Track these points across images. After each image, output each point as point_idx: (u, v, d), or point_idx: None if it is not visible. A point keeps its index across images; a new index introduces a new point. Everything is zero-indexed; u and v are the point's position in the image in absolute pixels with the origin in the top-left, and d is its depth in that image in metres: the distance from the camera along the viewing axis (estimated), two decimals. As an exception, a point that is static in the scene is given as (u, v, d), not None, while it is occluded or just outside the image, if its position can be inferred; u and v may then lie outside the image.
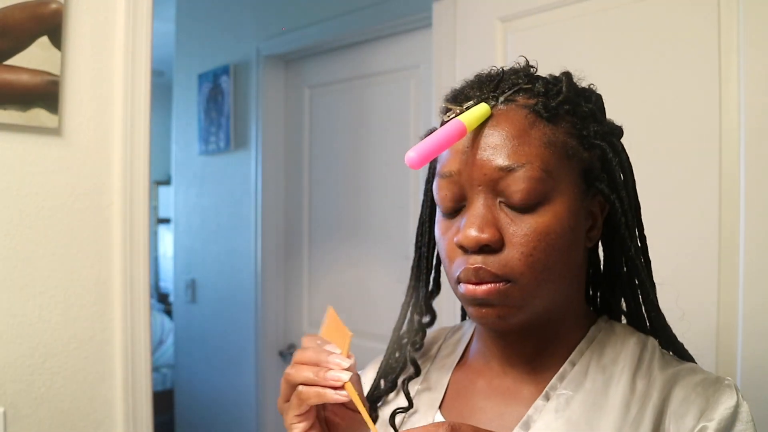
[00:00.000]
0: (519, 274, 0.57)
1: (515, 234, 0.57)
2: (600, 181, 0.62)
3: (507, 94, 0.60)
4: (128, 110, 1.25)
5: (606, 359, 0.62)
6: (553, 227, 0.57)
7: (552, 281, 0.59)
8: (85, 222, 1.22)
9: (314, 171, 2.47)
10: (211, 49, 2.84)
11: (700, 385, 0.58)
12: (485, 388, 0.65)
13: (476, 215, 0.58)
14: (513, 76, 0.63)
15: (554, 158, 0.58)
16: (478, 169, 0.58)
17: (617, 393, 0.59)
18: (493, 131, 0.58)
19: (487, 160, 0.58)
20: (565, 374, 0.61)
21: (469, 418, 0.64)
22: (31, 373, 1.16)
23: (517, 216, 0.57)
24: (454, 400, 0.67)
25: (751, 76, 1.16)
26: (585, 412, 0.58)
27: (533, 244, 0.57)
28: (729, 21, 1.19)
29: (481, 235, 0.57)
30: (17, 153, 1.14)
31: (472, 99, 0.61)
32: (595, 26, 1.39)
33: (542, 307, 0.60)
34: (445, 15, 1.74)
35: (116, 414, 1.26)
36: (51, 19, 1.14)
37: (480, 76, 0.65)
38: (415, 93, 2.09)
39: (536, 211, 0.57)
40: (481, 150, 0.58)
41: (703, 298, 1.22)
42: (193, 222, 2.99)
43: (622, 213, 0.62)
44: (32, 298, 1.16)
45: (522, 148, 0.57)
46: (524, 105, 0.60)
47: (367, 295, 2.19)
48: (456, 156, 0.60)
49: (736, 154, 1.18)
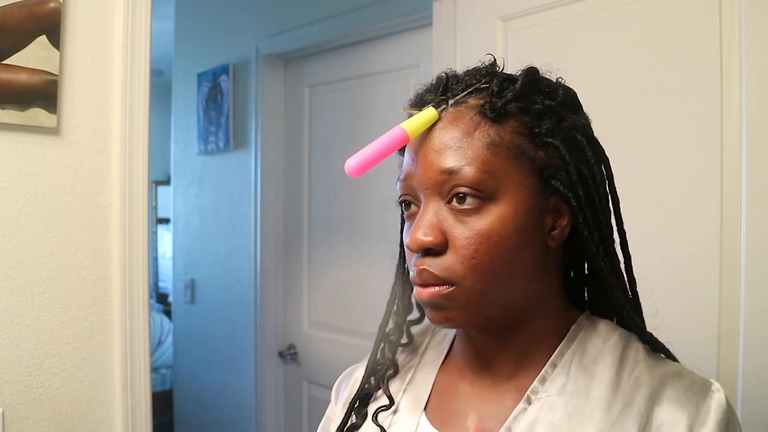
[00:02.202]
0: (461, 278, 0.57)
1: (458, 237, 0.58)
2: (556, 179, 0.60)
3: (458, 97, 0.61)
4: (127, 110, 1.25)
5: (587, 359, 0.61)
6: (496, 229, 0.57)
7: (501, 283, 0.58)
8: (83, 222, 1.22)
9: (314, 171, 2.47)
10: (210, 48, 2.84)
11: (689, 390, 0.58)
12: (467, 390, 0.65)
13: (422, 218, 0.59)
14: (468, 77, 0.63)
15: (498, 158, 0.58)
16: (424, 173, 0.59)
17: (599, 394, 0.58)
18: (439, 134, 0.59)
19: (431, 163, 0.59)
20: (546, 377, 0.61)
21: (451, 420, 0.64)
22: (30, 374, 1.15)
23: (461, 218, 0.58)
24: (437, 401, 0.67)
25: (753, 75, 1.16)
26: (567, 416, 0.57)
27: (474, 247, 0.57)
28: (731, 19, 1.19)
29: (423, 238, 0.58)
30: (16, 153, 1.13)
31: (428, 103, 0.62)
32: (596, 25, 1.39)
33: (497, 308, 0.60)
34: (446, 14, 1.73)
35: (115, 415, 1.26)
36: (49, 18, 1.14)
37: (439, 77, 0.65)
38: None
39: (479, 212, 0.57)
40: (426, 153, 0.59)
41: (705, 300, 1.21)
42: (192, 222, 2.99)
43: (580, 210, 0.60)
44: (30, 298, 1.15)
45: (463, 150, 0.58)
46: (473, 106, 0.60)
47: (367, 295, 2.19)
48: (410, 162, 0.62)
49: (738, 153, 1.18)
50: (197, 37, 2.94)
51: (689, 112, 1.24)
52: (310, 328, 2.49)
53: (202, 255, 2.92)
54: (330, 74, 2.40)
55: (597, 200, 0.62)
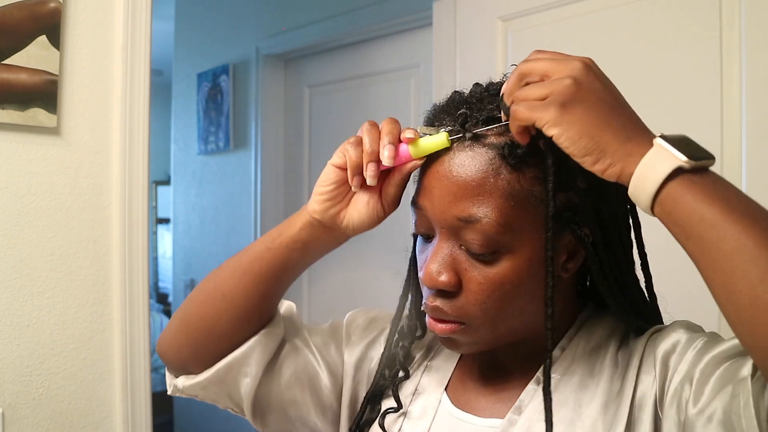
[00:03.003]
0: (473, 317, 0.59)
1: (471, 280, 0.58)
2: (574, 222, 0.58)
3: (477, 131, 0.57)
4: (127, 110, 1.25)
5: (593, 343, 0.63)
6: (508, 278, 0.57)
7: (512, 318, 0.60)
8: (83, 222, 1.22)
9: (314, 171, 2.47)
10: (210, 48, 2.84)
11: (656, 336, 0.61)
12: (482, 374, 0.68)
13: (437, 253, 0.59)
14: (489, 103, 0.59)
15: (515, 210, 0.56)
16: (439, 213, 0.58)
17: (602, 372, 0.60)
18: (457, 171, 0.57)
19: (446, 207, 0.58)
20: (555, 359, 0.63)
21: (469, 403, 0.66)
22: (30, 374, 1.15)
23: (475, 262, 0.58)
24: (456, 384, 0.69)
25: (753, 75, 1.16)
26: (573, 392, 0.60)
27: (487, 293, 0.57)
28: (731, 19, 1.19)
29: (438, 278, 0.58)
30: (16, 153, 1.13)
31: (443, 124, 0.60)
32: (596, 25, 1.39)
33: (507, 337, 0.62)
34: (446, 14, 1.73)
35: (115, 415, 1.26)
36: (49, 18, 1.14)
37: (458, 100, 0.62)
38: (415, 92, 2.09)
39: (494, 260, 0.57)
40: (443, 192, 0.58)
41: (705, 300, 1.21)
42: (192, 222, 2.99)
43: (596, 253, 0.59)
44: (30, 298, 1.15)
45: (480, 198, 0.56)
46: (492, 145, 0.57)
47: (367, 295, 2.19)
48: (425, 191, 0.60)
49: (738, 153, 1.18)
50: (197, 37, 2.94)
51: (689, 111, 1.24)
52: (310, 328, 2.49)
53: (202, 255, 2.92)
54: (330, 74, 2.40)
55: (616, 240, 0.61)
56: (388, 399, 0.72)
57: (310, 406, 0.74)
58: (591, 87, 0.52)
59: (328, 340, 0.77)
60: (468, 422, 0.64)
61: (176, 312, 0.74)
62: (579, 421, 0.58)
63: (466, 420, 0.65)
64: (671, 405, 0.54)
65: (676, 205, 0.48)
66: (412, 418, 0.68)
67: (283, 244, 0.67)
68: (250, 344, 0.70)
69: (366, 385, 0.75)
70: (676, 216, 0.48)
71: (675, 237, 0.49)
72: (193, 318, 0.71)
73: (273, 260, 0.68)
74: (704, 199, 0.47)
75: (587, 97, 0.51)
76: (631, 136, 0.51)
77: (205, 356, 0.71)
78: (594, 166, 0.51)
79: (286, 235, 0.67)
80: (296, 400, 0.73)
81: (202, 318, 0.70)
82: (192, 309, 0.72)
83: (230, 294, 0.69)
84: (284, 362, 0.73)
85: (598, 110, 0.51)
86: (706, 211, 0.47)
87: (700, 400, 0.51)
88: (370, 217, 0.65)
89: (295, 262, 0.69)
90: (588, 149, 0.50)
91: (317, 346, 0.75)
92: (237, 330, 0.70)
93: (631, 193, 0.50)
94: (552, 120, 0.50)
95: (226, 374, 0.71)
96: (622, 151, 0.50)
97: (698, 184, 0.48)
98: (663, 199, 0.49)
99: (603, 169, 0.51)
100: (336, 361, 0.76)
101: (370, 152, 0.61)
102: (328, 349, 0.76)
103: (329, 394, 0.74)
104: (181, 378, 0.74)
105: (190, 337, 0.72)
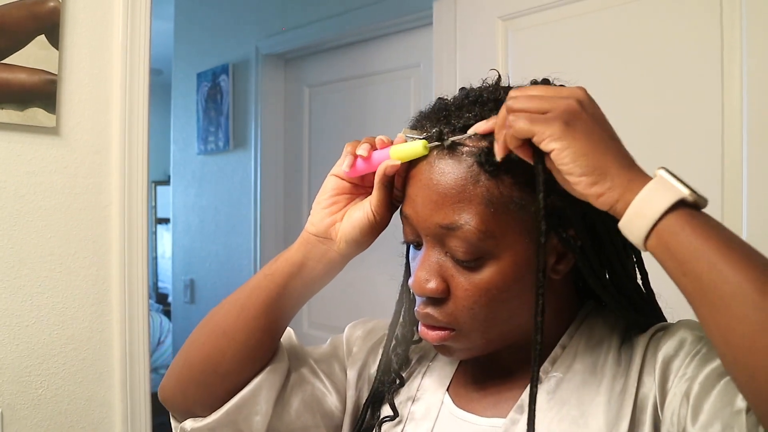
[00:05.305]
0: (463, 323, 0.59)
1: (458, 287, 0.58)
2: (559, 226, 0.58)
3: (455, 138, 0.57)
4: (126, 109, 1.25)
5: (594, 340, 0.63)
6: (495, 284, 0.57)
7: (502, 323, 0.60)
8: (83, 222, 1.21)
9: (314, 170, 2.47)
10: (210, 47, 2.83)
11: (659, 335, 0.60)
12: (484, 375, 0.68)
13: (424, 261, 0.60)
14: (469, 109, 0.59)
15: (496, 216, 0.56)
16: (423, 221, 0.59)
17: (605, 370, 0.60)
18: (438, 179, 0.58)
19: (429, 215, 0.58)
20: (556, 357, 0.63)
21: (471, 403, 0.67)
22: (29, 374, 1.15)
23: (461, 269, 0.58)
24: (458, 384, 0.69)
25: (754, 75, 1.16)
26: (575, 390, 0.60)
27: (474, 299, 0.58)
28: (731, 19, 1.18)
29: (425, 286, 0.59)
30: (15, 152, 1.13)
31: (426, 129, 0.60)
32: (596, 25, 1.39)
33: (501, 341, 0.62)
34: (446, 13, 1.73)
35: (115, 415, 1.26)
36: (48, 17, 1.13)
37: (440, 107, 0.62)
38: (415, 92, 2.09)
39: (478, 266, 0.57)
40: (425, 202, 0.59)
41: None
42: (191, 222, 2.98)
43: (584, 255, 0.59)
44: (30, 298, 1.15)
45: (461, 206, 0.56)
46: (470, 153, 0.57)
47: (367, 295, 2.18)
48: (409, 200, 0.61)
49: (739, 153, 1.18)
50: (197, 37, 2.94)
51: (690, 111, 1.24)
52: (310, 328, 2.49)
53: (201, 255, 2.91)
54: (330, 74, 2.40)
55: (606, 239, 0.60)
56: (387, 405, 0.72)
57: (322, 428, 0.73)
58: (593, 111, 0.52)
59: (332, 361, 0.77)
60: (470, 422, 0.65)
61: (177, 356, 0.73)
62: (582, 419, 0.58)
63: (468, 420, 0.65)
64: (669, 413, 0.54)
65: (674, 238, 0.47)
66: (414, 419, 0.68)
67: (280, 268, 0.67)
68: (257, 382, 0.69)
69: (367, 392, 0.75)
70: (674, 250, 0.47)
71: (669, 272, 0.48)
72: (196, 359, 0.70)
73: (272, 288, 0.67)
74: (703, 235, 0.47)
75: (589, 119, 0.51)
76: (631, 165, 0.52)
77: (212, 396, 0.70)
78: (590, 188, 0.50)
79: (283, 259, 0.68)
80: (307, 426, 0.72)
81: (206, 358, 0.69)
82: (194, 350, 0.71)
83: (231, 330, 0.68)
84: (292, 393, 0.72)
85: (600, 133, 0.51)
86: (705, 249, 0.46)
87: (699, 419, 0.50)
88: (361, 225, 0.65)
89: (295, 287, 0.68)
90: (588, 169, 0.50)
91: (324, 372, 0.75)
92: (242, 367, 0.69)
93: (623, 224, 0.50)
94: (554, 135, 0.50)
95: (237, 414, 0.69)
96: (623, 177, 0.50)
97: (698, 219, 0.48)
98: (661, 231, 0.48)
99: (600, 192, 0.50)
100: (342, 379, 0.76)
101: (363, 141, 0.65)
102: (333, 369, 0.76)
103: (339, 414, 0.74)
104: (189, 421, 0.72)
105: (195, 378, 0.70)
